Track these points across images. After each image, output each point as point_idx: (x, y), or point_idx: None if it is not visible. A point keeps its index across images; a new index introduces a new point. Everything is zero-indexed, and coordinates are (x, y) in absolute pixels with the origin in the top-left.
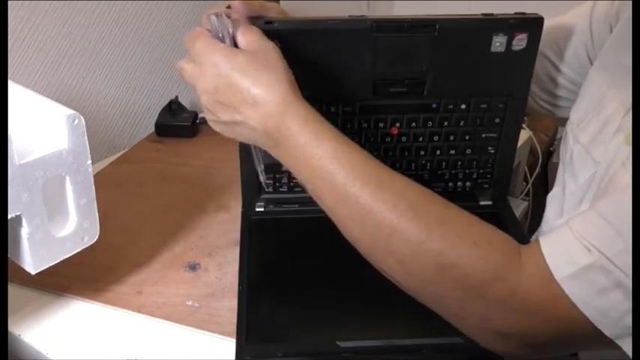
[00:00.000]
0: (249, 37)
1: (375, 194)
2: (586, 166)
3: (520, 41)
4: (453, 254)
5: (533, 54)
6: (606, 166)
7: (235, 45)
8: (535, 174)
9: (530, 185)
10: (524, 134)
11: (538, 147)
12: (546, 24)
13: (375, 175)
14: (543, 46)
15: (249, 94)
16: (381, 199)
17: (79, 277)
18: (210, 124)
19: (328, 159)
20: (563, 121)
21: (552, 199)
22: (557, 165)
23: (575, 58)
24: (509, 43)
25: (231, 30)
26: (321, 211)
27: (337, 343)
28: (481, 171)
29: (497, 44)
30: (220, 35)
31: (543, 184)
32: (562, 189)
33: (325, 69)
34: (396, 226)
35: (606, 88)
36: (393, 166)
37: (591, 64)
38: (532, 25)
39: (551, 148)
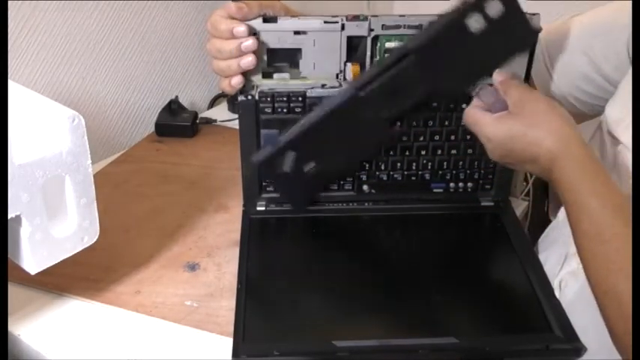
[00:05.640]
0: (511, 100)
1: (607, 254)
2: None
3: (494, 6)
4: None
5: (519, 20)
6: None
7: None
8: None
9: (530, 185)
10: None
11: None
12: (581, 17)
13: (621, 235)
14: (578, 41)
15: (524, 156)
16: (611, 260)
17: (78, 276)
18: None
19: (585, 208)
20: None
21: None
22: None
23: (614, 54)
24: (485, 16)
25: (492, 98)
26: (321, 212)
27: (333, 342)
28: (483, 171)
29: (474, 22)
30: (490, 103)
31: (543, 184)
32: None
33: None
34: (612, 287)
35: None
36: (393, 166)
37: (631, 61)
38: None
39: None
